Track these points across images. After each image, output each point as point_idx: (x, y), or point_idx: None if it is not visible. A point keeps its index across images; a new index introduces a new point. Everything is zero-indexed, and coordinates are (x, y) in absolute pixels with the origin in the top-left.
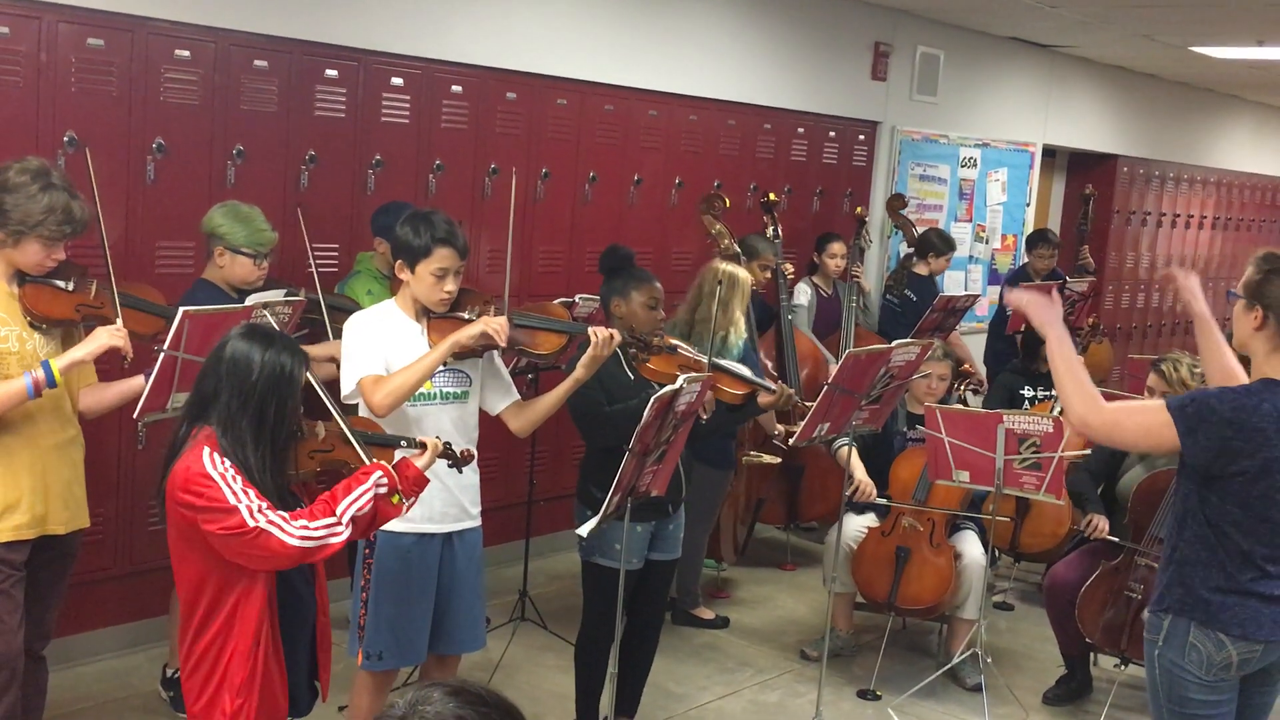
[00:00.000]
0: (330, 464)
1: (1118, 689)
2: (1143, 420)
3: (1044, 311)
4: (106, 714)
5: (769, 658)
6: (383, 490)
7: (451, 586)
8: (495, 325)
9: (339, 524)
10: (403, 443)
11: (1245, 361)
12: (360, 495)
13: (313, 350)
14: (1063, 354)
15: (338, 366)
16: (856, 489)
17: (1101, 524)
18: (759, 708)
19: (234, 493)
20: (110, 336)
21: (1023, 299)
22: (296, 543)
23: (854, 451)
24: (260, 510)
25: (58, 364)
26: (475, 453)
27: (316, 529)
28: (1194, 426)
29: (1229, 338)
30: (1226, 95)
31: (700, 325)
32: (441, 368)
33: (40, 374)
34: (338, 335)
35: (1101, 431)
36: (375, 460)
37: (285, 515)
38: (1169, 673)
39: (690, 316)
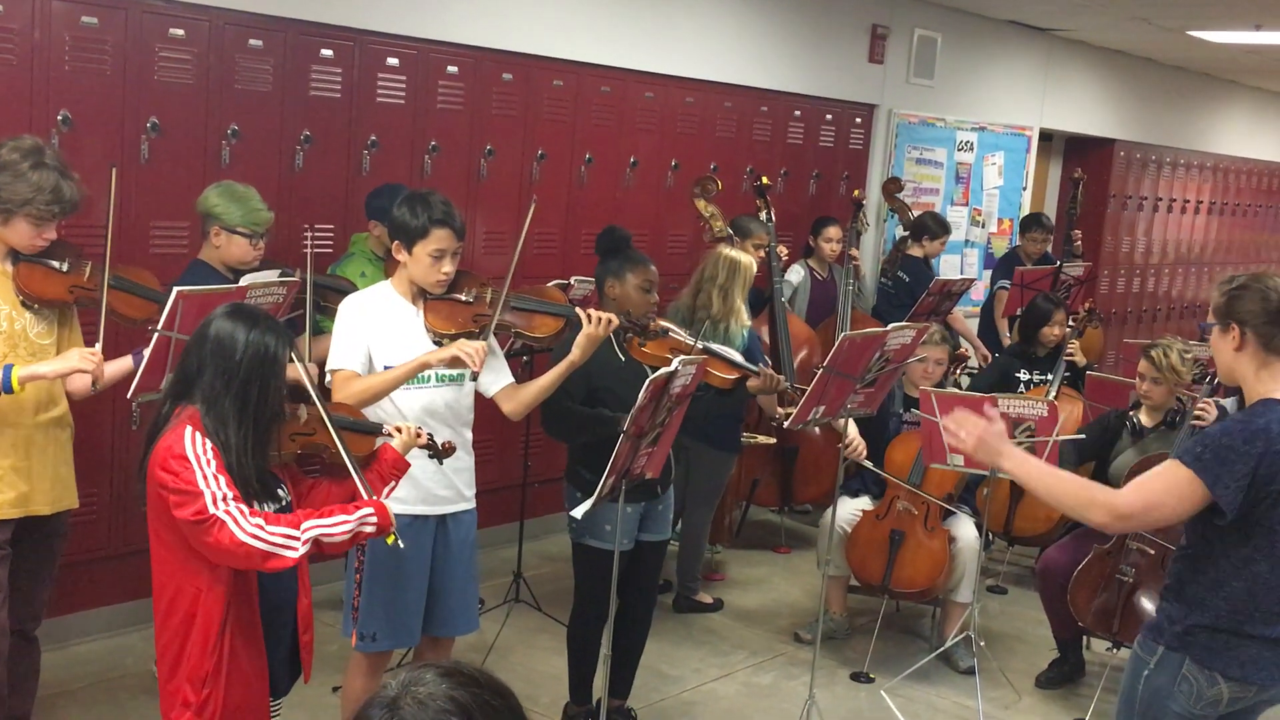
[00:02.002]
0: (311, 447)
1: (1109, 672)
2: (1168, 486)
3: (985, 446)
4: (100, 694)
5: (762, 640)
6: (368, 529)
7: (445, 568)
8: (470, 349)
9: (296, 539)
10: (384, 430)
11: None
12: (336, 525)
13: (319, 347)
14: (1036, 474)
15: None
16: (850, 445)
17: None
18: (752, 690)
19: (205, 478)
20: (81, 359)
21: (958, 437)
22: (245, 539)
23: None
24: (224, 499)
25: (19, 374)
26: (456, 446)
27: (272, 534)
28: (1218, 473)
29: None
30: (1224, 80)
31: (700, 311)
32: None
33: None
34: (330, 316)
35: (1142, 520)
36: (374, 498)
37: (245, 510)
38: (1155, 696)
39: (692, 302)
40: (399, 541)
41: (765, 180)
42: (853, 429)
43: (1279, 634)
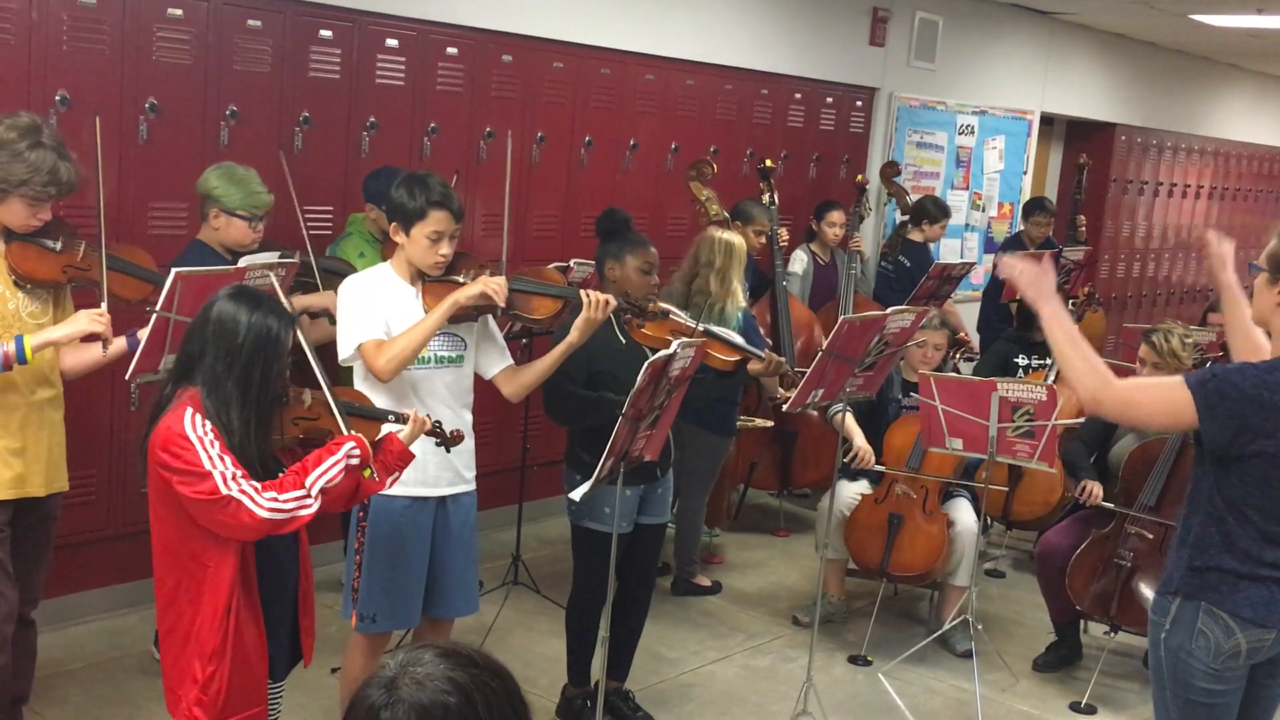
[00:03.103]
0: (314, 432)
1: (1107, 656)
2: (1159, 396)
3: (1036, 285)
4: (99, 674)
5: (761, 623)
6: (354, 462)
7: (445, 550)
8: (494, 285)
9: (308, 496)
10: (390, 417)
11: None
12: (330, 467)
13: (303, 300)
14: (1063, 328)
15: (332, 321)
16: (855, 455)
17: (1096, 489)
18: (750, 673)
19: (210, 458)
20: (90, 321)
21: (1014, 268)
22: (266, 514)
23: (850, 416)
24: (234, 478)
25: (31, 342)
26: (465, 434)
27: (286, 501)
28: (1213, 404)
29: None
30: (1225, 64)
31: (698, 296)
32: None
33: (11, 348)
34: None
35: (1114, 409)
36: (352, 432)
37: (258, 486)
38: (1175, 658)
39: (687, 287)
40: (374, 476)
41: (769, 163)
42: (859, 438)
43: None
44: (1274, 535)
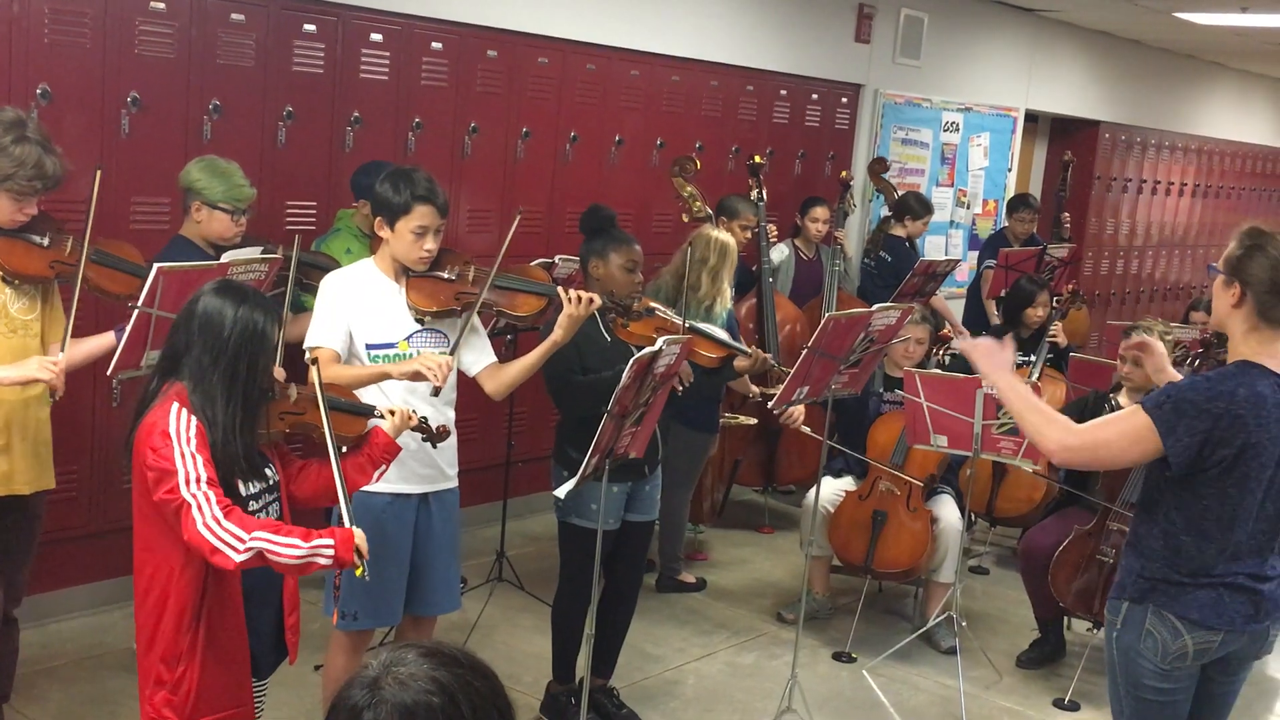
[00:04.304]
0: (300, 427)
1: (1090, 652)
2: (1123, 430)
3: (990, 359)
4: (81, 671)
5: (745, 620)
6: (323, 562)
7: (428, 547)
8: (433, 365)
9: (241, 544)
10: (375, 412)
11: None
12: (288, 549)
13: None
14: (1018, 396)
15: None
16: (791, 416)
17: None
18: (735, 669)
19: (181, 455)
20: (40, 369)
21: (972, 349)
22: (199, 529)
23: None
24: (196, 481)
25: None
26: (451, 430)
27: (222, 531)
28: (1173, 424)
29: (1207, 309)
30: (1209, 62)
31: (689, 293)
32: (419, 328)
33: None
34: (313, 293)
35: (1085, 453)
36: (349, 526)
37: (213, 499)
38: (1126, 657)
39: (679, 284)
40: (366, 574)
41: (758, 159)
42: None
43: (1236, 579)
44: (1233, 548)
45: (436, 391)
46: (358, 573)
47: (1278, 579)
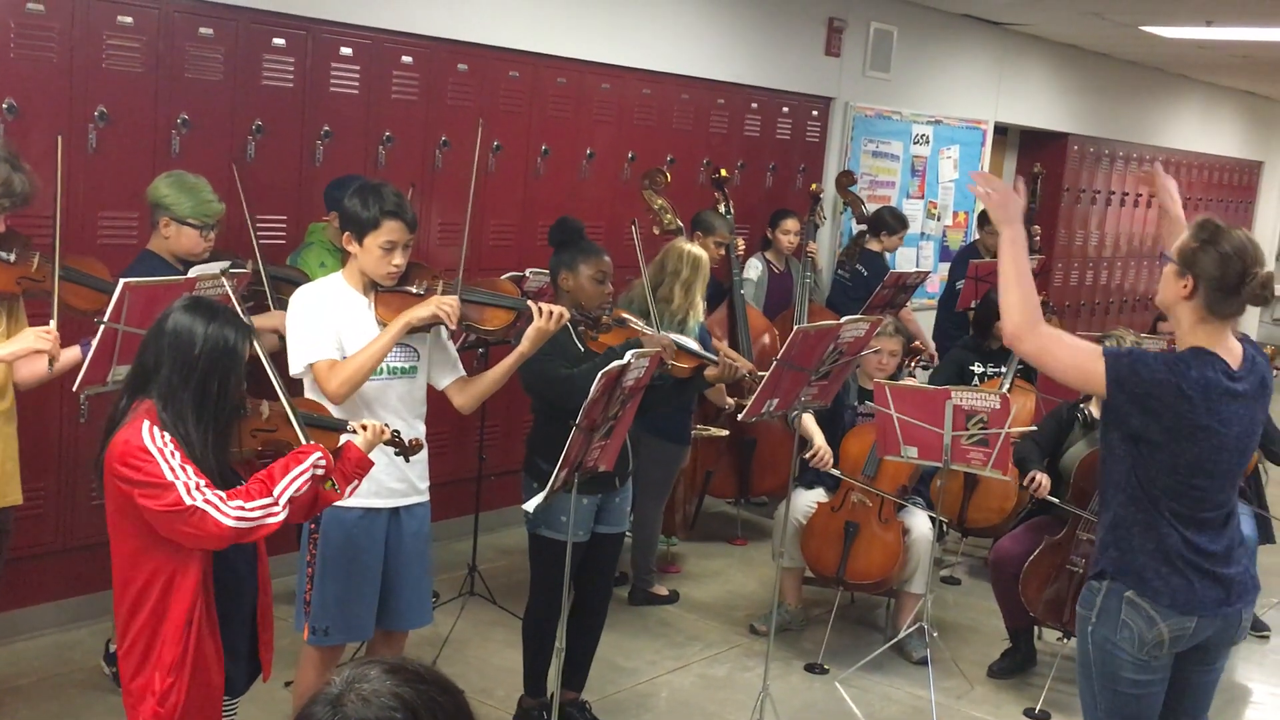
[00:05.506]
0: (272, 444)
1: (1060, 662)
2: (1077, 359)
3: (1004, 206)
4: (48, 689)
5: (718, 632)
6: (319, 473)
7: (399, 562)
8: (446, 305)
9: (275, 505)
10: (348, 427)
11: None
12: (297, 476)
13: (257, 321)
14: (1014, 255)
15: (281, 339)
16: (816, 454)
17: (1044, 480)
18: (707, 682)
19: (172, 468)
20: (37, 339)
21: (988, 188)
22: (232, 523)
23: (809, 417)
24: (198, 488)
25: None
26: (424, 443)
27: (252, 510)
28: (1123, 378)
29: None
30: (1176, 75)
31: (662, 305)
32: None
33: None
34: (282, 307)
35: (1031, 352)
36: (314, 442)
37: (222, 495)
38: (1102, 650)
39: (651, 295)
40: (336, 488)
41: (724, 173)
42: (819, 438)
43: (1201, 564)
44: (1186, 518)
45: (451, 335)
46: (327, 485)
47: (1242, 563)
